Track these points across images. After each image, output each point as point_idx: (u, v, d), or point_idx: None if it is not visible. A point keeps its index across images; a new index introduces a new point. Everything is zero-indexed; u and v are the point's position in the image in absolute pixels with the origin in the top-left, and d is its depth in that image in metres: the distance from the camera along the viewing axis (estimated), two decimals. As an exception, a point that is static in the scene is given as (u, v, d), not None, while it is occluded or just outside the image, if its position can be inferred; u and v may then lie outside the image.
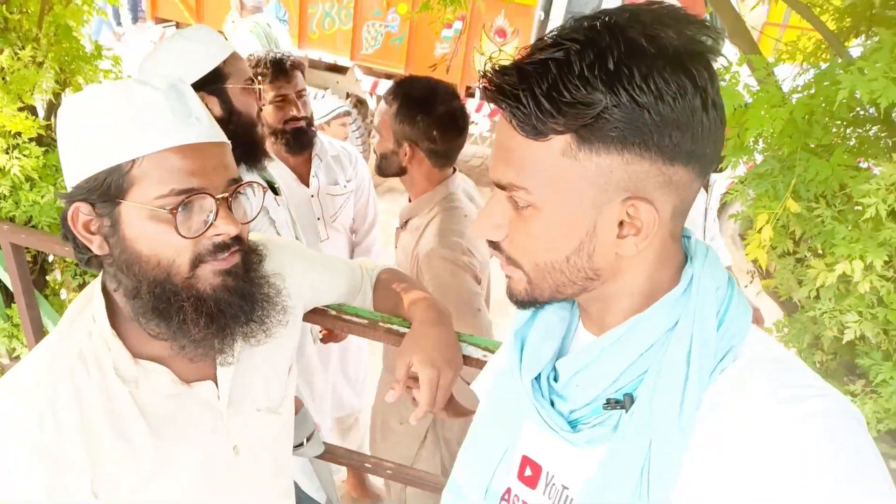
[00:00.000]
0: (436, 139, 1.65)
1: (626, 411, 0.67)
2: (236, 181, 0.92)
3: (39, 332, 1.75)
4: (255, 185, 0.99)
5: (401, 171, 1.74)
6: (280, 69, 2.07)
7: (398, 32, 5.37)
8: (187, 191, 0.85)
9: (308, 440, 1.45)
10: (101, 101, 0.86)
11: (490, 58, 0.65)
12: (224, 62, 1.59)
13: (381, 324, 1.26)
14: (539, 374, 0.76)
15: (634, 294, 0.69)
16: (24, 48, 1.65)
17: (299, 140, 2.16)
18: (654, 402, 0.65)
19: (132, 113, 0.85)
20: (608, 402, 0.68)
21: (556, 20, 5.36)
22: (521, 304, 0.73)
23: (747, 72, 1.24)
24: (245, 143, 1.62)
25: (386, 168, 1.75)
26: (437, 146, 1.67)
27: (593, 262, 0.66)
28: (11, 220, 1.72)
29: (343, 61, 5.61)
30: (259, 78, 2.01)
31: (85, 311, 0.96)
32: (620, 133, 0.59)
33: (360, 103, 5.98)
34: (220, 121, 1.62)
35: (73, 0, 1.88)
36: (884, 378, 1.04)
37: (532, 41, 4.74)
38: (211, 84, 1.58)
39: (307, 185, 2.23)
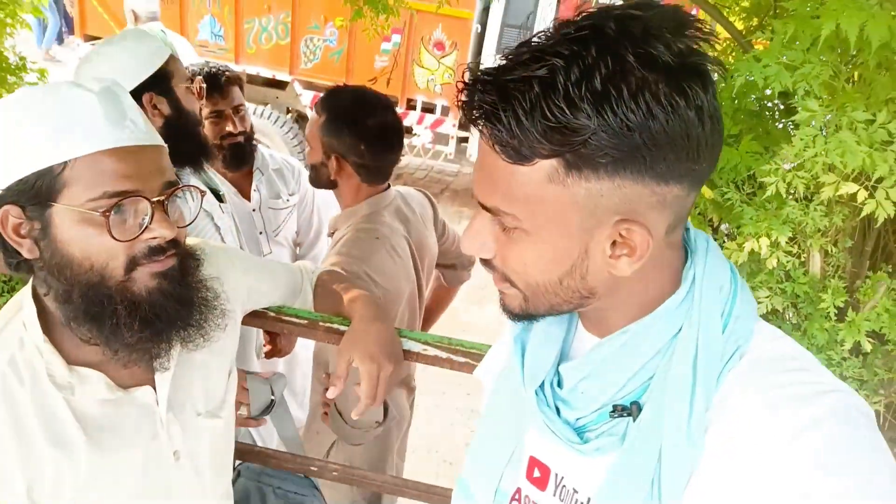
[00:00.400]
0: (364, 154, 1.58)
1: (634, 420, 0.65)
2: (173, 184, 0.92)
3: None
4: (192, 188, 0.98)
5: (331, 184, 1.68)
6: (214, 84, 2.03)
7: (337, 46, 5.38)
8: (120, 193, 0.84)
9: (273, 394, 1.43)
10: (33, 103, 0.85)
11: (468, 67, 0.60)
12: (166, 63, 1.58)
13: (321, 323, 1.27)
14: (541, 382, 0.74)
15: (634, 302, 0.67)
16: (-59, 60, 1.60)
17: (236, 156, 2.13)
18: (662, 412, 0.63)
19: (64, 115, 0.84)
20: (615, 408, 0.67)
21: (493, 33, 5.48)
22: (517, 317, 0.71)
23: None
24: (194, 141, 1.64)
25: (316, 180, 1.69)
26: (366, 161, 1.59)
27: (587, 282, 0.64)
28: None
29: (282, 76, 5.58)
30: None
31: (15, 318, 0.94)
32: (610, 158, 0.55)
33: (300, 118, 5.95)
34: (169, 120, 1.63)
35: (-7, 12, 1.84)
36: (795, 348, 1.11)
37: (470, 54, 4.75)
38: (159, 85, 1.57)
39: (248, 199, 2.21)
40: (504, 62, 0.58)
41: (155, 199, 0.87)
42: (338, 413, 1.53)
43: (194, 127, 1.67)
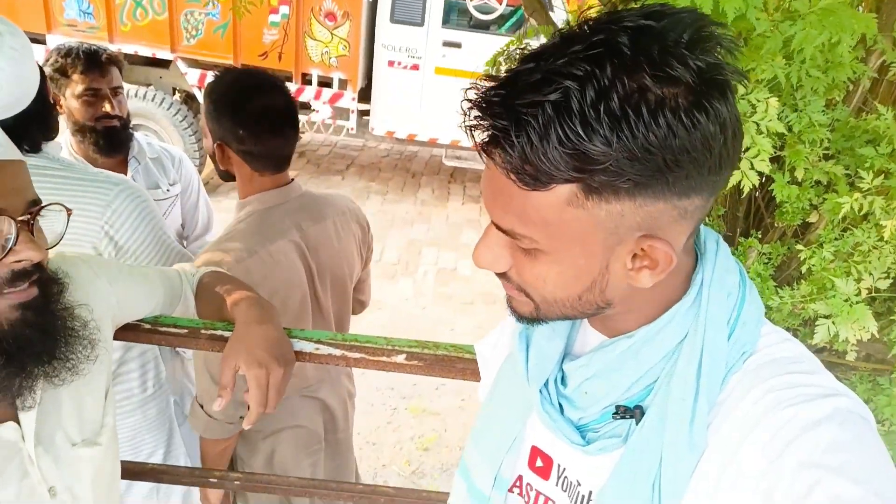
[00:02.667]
0: (244, 140, 1.45)
1: (637, 423, 0.65)
2: (36, 203, 0.85)
3: None
4: (57, 205, 0.90)
5: (229, 176, 1.55)
6: (93, 61, 1.92)
7: (221, 20, 5.08)
8: None
9: None
10: None
11: (470, 87, 0.57)
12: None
13: (203, 331, 1.19)
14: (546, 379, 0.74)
15: (646, 306, 0.66)
16: None
17: (111, 140, 1.99)
18: (665, 416, 0.63)
19: None
20: (617, 409, 0.67)
21: (386, 1, 5.34)
22: (526, 321, 0.69)
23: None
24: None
25: (218, 171, 1.58)
26: (248, 147, 1.46)
27: (605, 295, 0.63)
28: None
29: (163, 54, 5.23)
30: (69, 69, 1.89)
31: None
32: (631, 182, 0.54)
33: (189, 98, 5.62)
34: (50, 107, 1.51)
35: None
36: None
37: (363, 24, 4.64)
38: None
39: None
40: (513, 81, 0.54)
41: (20, 219, 0.80)
42: (198, 405, 1.46)
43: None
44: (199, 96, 5.42)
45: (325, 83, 5.53)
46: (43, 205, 0.85)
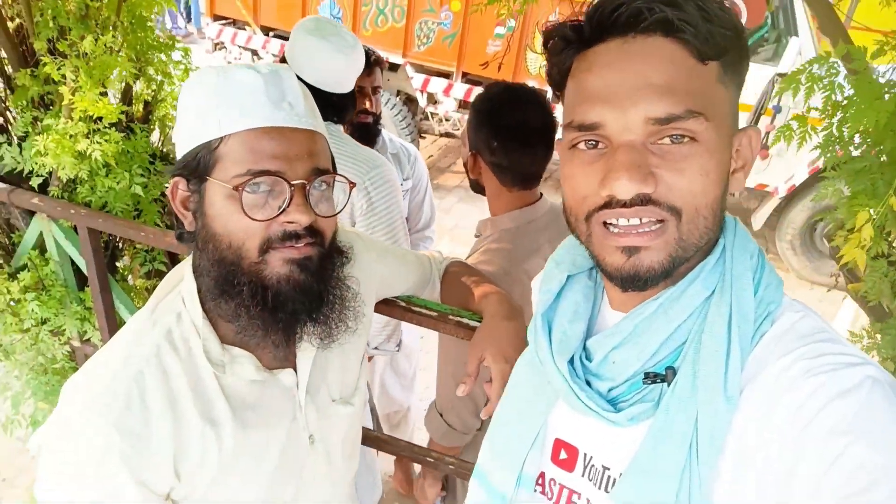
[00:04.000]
0: (495, 150, 1.48)
1: (668, 384, 0.65)
2: (322, 171, 0.90)
3: (112, 316, 1.79)
4: (340, 177, 0.95)
5: (480, 188, 1.59)
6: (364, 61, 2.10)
7: (451, 30, 5.35)
8: (261, 172, 0.84)
9: None
10: (207, 83, 0.89)
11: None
12: None
13: (451, 317, 1.24)
14: (571, 357, 0.74)
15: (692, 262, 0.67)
16: (103, 35, 1.69)
17: (365, 134, 2.17)
18: (698, 373, 0.63)
19: (229, 93, 0.87)
20: (647, 375, 0.66)
21: (612, 18, 5.26)
22: (652, 278, 0.65)
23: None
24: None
25: (470, 182, 1.61)
26: (498, 159, 1.49)
27: (723, 205, 0.66)
28: (87, 205, 1.76)
29: (395, 59, 5.63)
30: None
31: (174, 291, 0.97)
32: (747, 58, 0.64)
33: (410, 101, 5.99)
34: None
35: (147, -11, 1.91)
36: None
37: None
38: None
39: None
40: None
41: (296, 183, 0.86)
42: (437, 413, 1.50)
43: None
44: (421, 100, 5.77)
45: (537, 95, 5.59)
46: (323, 176, 0.90)
